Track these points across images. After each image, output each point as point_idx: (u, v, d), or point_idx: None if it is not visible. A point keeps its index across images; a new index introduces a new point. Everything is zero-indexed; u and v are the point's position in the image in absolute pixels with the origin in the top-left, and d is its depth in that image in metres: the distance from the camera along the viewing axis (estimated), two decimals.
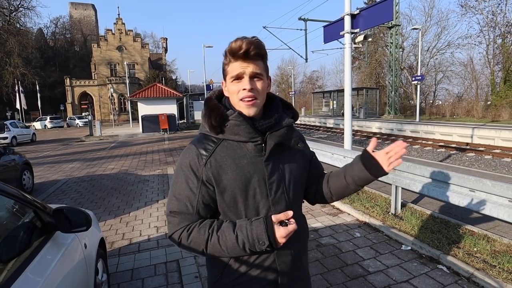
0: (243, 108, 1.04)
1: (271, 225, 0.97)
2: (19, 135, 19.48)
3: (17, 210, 1.64)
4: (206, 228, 1.01)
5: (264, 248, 0.97)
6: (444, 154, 10.54)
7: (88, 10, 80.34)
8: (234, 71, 1.02)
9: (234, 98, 1.05)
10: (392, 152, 1.08)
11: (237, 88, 1.02)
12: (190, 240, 1.02)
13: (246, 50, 0.98)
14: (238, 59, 1.01)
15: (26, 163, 6.97)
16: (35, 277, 1.40)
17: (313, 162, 1.28)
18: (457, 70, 33.17)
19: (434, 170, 3.75)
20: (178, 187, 1.06)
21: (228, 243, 0.99)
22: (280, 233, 0.96)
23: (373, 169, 1.10)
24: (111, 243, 3.99)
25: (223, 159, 1.04)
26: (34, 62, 42.89)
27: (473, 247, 3.28)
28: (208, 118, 1.06)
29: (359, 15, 6.03)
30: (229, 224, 1.02)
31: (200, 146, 1.06)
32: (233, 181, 1.03)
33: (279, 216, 0.98)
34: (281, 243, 0.97)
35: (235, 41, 1.00)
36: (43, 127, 37.39)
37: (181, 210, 1.04)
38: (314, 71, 70.64)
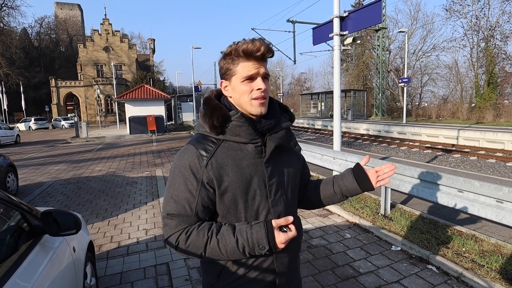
0: (255, 107, 1.04)
1: (272, 230, 0.97)
2: (3, 136, 18.98)
3: (4, 213, 1.59)
4: (205, 231, 1.00)
5: (264, 252, 0.97)
6: (431, 155, 10.75)
7: (74, 10, 78.84)
8: (247, 72, 1.02)
9: (245, 98, 1.04)
10: (382, 172, 1.18)
11: (249, 88, 1.03)
12: (189, 244, 1.00)
13: (263, 53, 1.01)
14: (252, 60, 1.01)
15: (10, 165, 6.79)
16: (23, 282, 1.35)
17: (304, 168, 1.31)
18: (442, 72, 34.02)
19: (423, 171, 3.81)
20: (176, 188, 1.03)
21: (228, 246, 0.97)
22: (280, 238, 0.96)
23: (362, 183, 1.19)
24: (99, 246, 3.91)
25: (224, 160, 1.02)
26: (18, 62, 41.86)
27: (462, 247, 3.34)
28: (209, 118, 1.03)
29: (348, 18, 6.11)
30: (229, 228, 1.01)
31: (200, 147, 1.04)
32: (234, 182, 1.02)
33: (279, 221, 0.98)
34: (280, 248, 0.97)
35: (252, 42, 1.01)
36: (27, 128, 36.40)
37: (179, 213, 1.02)
38: (302, 73, 71.18)
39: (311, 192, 1.29)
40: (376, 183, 1.17)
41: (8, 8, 30.10)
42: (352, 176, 1.19)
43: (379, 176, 1.17)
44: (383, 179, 1.17)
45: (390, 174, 1.16)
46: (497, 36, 26.57)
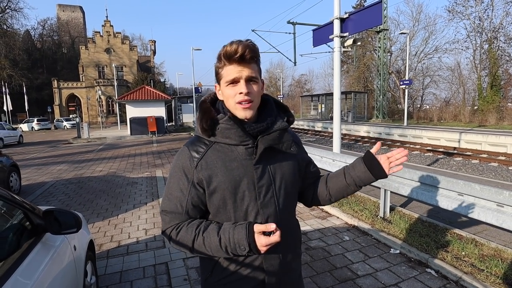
0: (239, 111, 1.04)
1: (252, 232, 0.96)
2: (6, 137, 19.11)
3: (6, 211, 1.62)
4: (193, 228, 1.04)
5: (245, 253, 0.97)
6: (432, 158, 10.74)
7: (76, 12, 79.25)
8: (229, 75, 1.01)
9: (230, 102, 1.05)
10: (393, 158, 1.14)
11: (233, 92, 1.02)
12: (179, 238, 1.06)
13: (242, 54, 0.98)
14: (233, 63, 1.00)
15: (13, 165, 6.84)
16: (25, 279, 1.37)
17: (310, 165, 1.29)
18: (444, 74, 33.90)
19: (423, 174, 3.82)
20: (171, 187, 1.10)
21: (212, 244, 1.01)
22: (261, 241, 0.95)
23: (375, 170, 1.14)
24: (99, 245, 3.94)
25: (214, 161, 1.05)
26: (21, 63, 42.08)
27: (461, 251, 3.33)
28: (200, 121, 1.07)
29: (348, 19, 6.13)
30: (215, 226, 1.03)
31: (192, 149, 1.08)
32: (222, 183, 1.04)
33: (260, 227, 0.96)
34: (262, 251, 0.96)
35: (230, 44, 0.99)
36: (30, 129, 36.56)
37: (171, 210, 1.08)
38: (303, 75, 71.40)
39: (323, 188, 1.26)
40: (389, 169, 1.13)
41: (11, 10, 30.35)
42: (363, 165, 1.16)
43: (391, 163, 1.13)
44: (396, 166, 1.14)
45: (403, 160, 1.13)
46: (501, 38, 26.51)
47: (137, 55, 54.84)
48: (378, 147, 1.18)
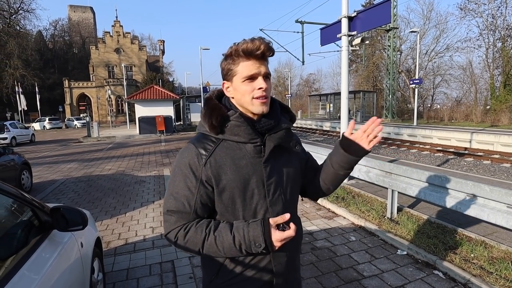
0: (257, 106, 1.04)
1: (268, 228, 0.97)
2: (19, 135, 19.54)
3: (15, 208, 1.66)
4: (203, 228, 1.02)
5: (260, 250, 0.98)
6: (442, 159, 10.58)
7: (87, 12, 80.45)
8: (248, 71, 1.02)
9: (246, 98, 1.04)
10: (370, 129, 1.09)
11: (251, 88, 1.03)
12: (187, 240, 1.02)
13: (263, 51, 1.00)
14: (252, 59, 1.01)
15: (25, 163, 6.99)
16: (32, 274, 1.40)
17: (309, 161, 1.29)
18: (455, 73, 33.33)
19: (431, 175, 3.76)
20: (176, 186, 1.06)
21: (225, 243, 0.99)
22: (276, 237, 0.96)
23: (354, 151, 1.11)
24: (107, 242, 3.99)
25: (223, 159, 1.04)
26: (34, 64, 42.90)
27: (470, 253, 3.27)
28: (209, 118, 1.06)
29: (357, 18, 6.07)
30: (226, 225, 1.02)
31: (199, 146, 1.06)
32: (232, 181, 1.03)
33: (276, 219, 0.99)
34: (277, 246, 0.98)
35: (251, 41, 1.00)
36: (42, 128, 37.35)
37: (178, 209, 1.04)
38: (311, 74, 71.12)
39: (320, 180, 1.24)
40: (368, 144, 1.09)
41: (24, 11, 30.94)
42: (341, 148, 1.13)
43: (369, 136, 1.09)
44: (375, 138, 1.09)
45: (379, 130, 1.08)
46: None
47: (146, 55, 55.45)
48: (352, 126, 1.15)
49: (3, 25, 29.97)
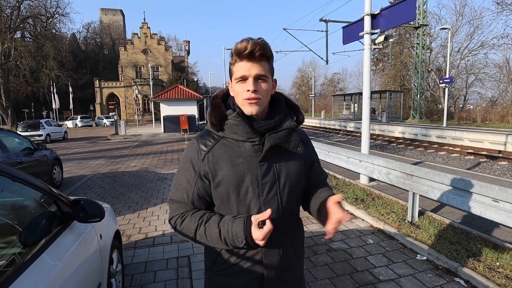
0: (246, 107, 1.06)
1: (249, 225, 1.00)
2: (53, 132, 20.72)
3: (41, 200, 1.78)
4: (196, 218, 1.09)
5: (242, 245, 1.00)
6: (473, 162, 10.08)
7: (117, 15, 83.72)
8: (239, 72, 1.04)
9: (238, 98, 1.07)
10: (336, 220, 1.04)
11: (242, 89, 1.05)
12: (182, 227, 1.11)
13: (251, 51, 1.00)
14: (243, 60, 1.03)
15: (56, 158, 7.39)
16: (52, 260, 1.51)
17: (313, 169, 1.26)
18: (491, 72, 31.40)
19: (455, 178, 3.61)
20: (179, 178, 1.16)
21: (212, 235, 1.05)
22: (256, 235, 0.97)
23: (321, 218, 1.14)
24: (128, 236, 4.16)
25: (220, 155, 1.09)
26: (68, 65, 45.20)
27: (496, 261, 3.11)
28: (210, 115, 1.11)
29: (380, 15, 5.92)
30: (217, 218, 1.07)
31: (201, 142, 1.13)
32: (227, 177, 1.07)
33: (257, 216, 0.98)
34: (260, 244, 0.98)
35: (241, 41, 1.02)
36: (74, 125, 39.45)
37: (178, 199, 1.14)
38: (336, 73, 69.88)
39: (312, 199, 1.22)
40: (329, 225, 1.04)
41: (59, 15, 32.70)
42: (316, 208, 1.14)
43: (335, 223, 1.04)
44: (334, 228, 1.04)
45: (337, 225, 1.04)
46: None
47: (172, 55, 56.89)
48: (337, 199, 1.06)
49: (41, 28, 31.79)
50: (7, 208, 1.67)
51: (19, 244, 1.40)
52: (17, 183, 1.56)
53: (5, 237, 1.51)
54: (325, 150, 6.76)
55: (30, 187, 1.65)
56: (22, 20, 30.06)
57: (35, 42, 31.44)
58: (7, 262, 1.29)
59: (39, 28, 32.21)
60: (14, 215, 1.70)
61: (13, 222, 1.62)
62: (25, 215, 1.77)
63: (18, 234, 1.45)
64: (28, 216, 1.74)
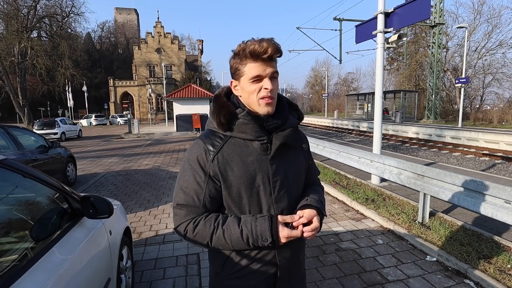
0: (262, 107, 1.06)
1: (276, 223, 1.01)
2: (68, 131, 21.20)
3: (52, 197, 1.84)
4: (212, 221, 1.06)
5: (267, 244, 1.01)
6: (488, 163, 9.82)
7: (131, 14, 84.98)
8: (254, 72, 1.03)
9: (253, 98, 1.06)
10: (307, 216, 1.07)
11: (257, 88, 1.05)
12: (196, 233, 1.06)
13: (271, 54, 1.02)
14: (259, 61, 1.03)
15: (70, 156, 7.55)
16: (62, 254, 1.56)
17: (310, 167, 1.28)
18: (509, 72, 30.48)
19: (466, 179, 3.54)
20: (186, 180, 1.10)
21: (233, 236, 1.03)
22: (284, 233, 1.00)
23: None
24: (139, 233, 4.24)
25: (230, 156, 1.07)
26: (82, 64, 46.23)
27: (507, 263, 3.06)
28: (217, 115, 1.09)
29: (394, 13, 5.84)
30: (234, 219, 1.06)
31: (207, 142, 1.09)
32: (238, 177, 1.06)
33: (285, 218, 1.03)
34: (283, 242, 1.01)
35: (259, 43, 1.01)
36: (88, 124, 40.29)
37: (188, 203, 1.08)
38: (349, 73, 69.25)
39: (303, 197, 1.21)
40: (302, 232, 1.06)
41: (74, 14, 33.41)
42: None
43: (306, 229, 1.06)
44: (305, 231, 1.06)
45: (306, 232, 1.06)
46: None
47: (185, 55, 57.37)
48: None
49: (57, 28, 32.54)
50: (18, 204, 1.73)
51: (31, 239, 1.44)
52: (28, 179, 1.61)
53: (17, 232, 1.56)
54: (336, 150, 6.72)
55: (41, 183, 1.71)
56: (38, 19, 30.79)
57: (51, 42, 32.20)
58: (19, 256, 1.33)
59: (55, 27, 32.98)
60: (26, 210, 1.75)
61: (25, 218, 1.67)
62: (36, 211, 1.82)
63: (29, 229, 1.49)
64: (39, 212, 1.79)
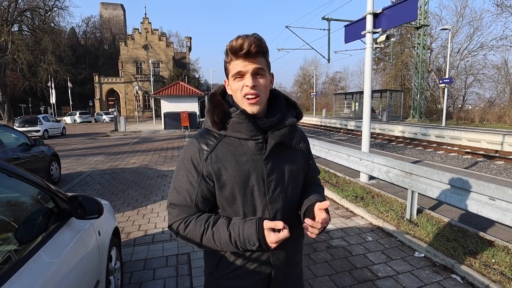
0: (246, 106, 1.04)
1: (262, 228, 0.97)
2: (51, 128, 20.60)
3: (38, 196, 1.76)
4: (202, 222, 1.04)
5: (255, 248, 0.98)
6: (470, 161, 10.11)
7: (117, 10, 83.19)
8: (235, 69, 1.02)
9: (238, 95, 1.05)
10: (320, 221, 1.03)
11: (240, 85, 1.03)
12: (187, 232, 1.05)
13: (247, 50, 0.98)
14: (239, 58, 1.00)
15: (54, 154, 7.35)
16: (49, 257, 1.50)
17: (309, 165, 1.26)
18: (489, 73, 31.58)
19: (453, 176, 3.62)
20: (179, 180, 1.09)
21: (222, 239, 1.01)
22: (271, 239, 0.95)
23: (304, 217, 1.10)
24: (127, 233, 4.15)
25: (224, 155, 1.05)
26: (66, 59, 44.88)
27: (491, 258, 3.15)
28: (211, 114, 1.07)
29: (382, 14, 5.92)
30: (225, 221, 1.03)
31: (202, 141, 1.08)
32: (232, 177, 1.04)
33: (270, 224, 0.97)
34: (273, 247, 0.97)
35: (236, 39, 0.99)
36: (72, 121, 39.26)
37: (180, 203, 1.07)
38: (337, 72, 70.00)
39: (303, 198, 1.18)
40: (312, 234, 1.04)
41: (58, 8, 32.30)
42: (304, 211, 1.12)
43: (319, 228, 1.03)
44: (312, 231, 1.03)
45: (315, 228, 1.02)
46: None
47: (173, 52, 56.60)
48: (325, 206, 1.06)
49: (39, 22, 31.42)
50: (2, 205, 1.65)
51: (15, 241, 1.38)
52: (12, 178, 1.54)
53: (1, 234, 1.49)
54: (326, 148, 6.77)
55: (26, 183, 1.63)
56: (19, 13, 29.60)
57: (33, 36, 31.02)
58: (2, 260, 1.27)
59: (37, 21, 31.83)
60: (10, 211, 1.68)
61: (9, 219, 1.60)
62: (21, 211, 1.74)
63: (14, 231, 1.42)
64: (24, 213, 1.72)
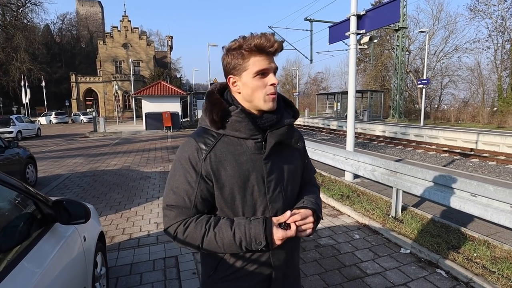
0: (268, 102, 1.03)
1: (270, 226, 0.97)
2: (24, 129, 19.67)
3: (18, 201, 1.66)
4: (203, 224, 1.01)
5: (260, 247, 0.97)
6: (448, 159, 10.49)
7: (95, 7, 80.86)
8: (259, 66, 1.00)
9: (258, 94, 1.02)
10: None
11: (263, 83, 1.02)
12: (186, 235, 1.01)
13: (277, 49, 1.01)
14: (263, 55, 1.00)
15: (30, 157, 7.03)
16: (33, 267, 1.41)
17: (306, 166, 1.26)
18: (463, 74, 33.08)
19: (436, 174, 3.73)
20: (176, 180, 1.05)
21: (225, 240, 0.98)
22: (278, 235, 0.97)
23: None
24: (111, 237, 4.02)
25: (223, 154, 1.02)
26: (41, 57, 43.20)
27: (473, 252, 3.27)
28: (210, 112, 1.04)
29: (365, 16, 6.02)
30: (227, 221, 1.01)
31: (200, 140, 1.04)
32: (232, 177, 1.01)
33: (279, 218, 0.99)
34: (277, 244, 0.98)
35: (265, 36, 0.99)
36: (48, 122, 37.67)
37: (178, 204, 1.03)
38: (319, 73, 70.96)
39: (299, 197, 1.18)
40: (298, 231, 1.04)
41: (31, 4, 31.00)
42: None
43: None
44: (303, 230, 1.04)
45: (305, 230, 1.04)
46: None
47: (154, 51, 55.56)
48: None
49: (11, 18, 30.04)
50: None
51: None
52: None
53: None
54: (312, 148, 6.82)
55: (5, 187, 1.53)
56: None
57: (4, 33, 29.67)
58: None
59: (9, 17, 30.46)
60: None
61: None
62: (0, 218, 1.62)
63: None
64: (4, 219, 1.59)
